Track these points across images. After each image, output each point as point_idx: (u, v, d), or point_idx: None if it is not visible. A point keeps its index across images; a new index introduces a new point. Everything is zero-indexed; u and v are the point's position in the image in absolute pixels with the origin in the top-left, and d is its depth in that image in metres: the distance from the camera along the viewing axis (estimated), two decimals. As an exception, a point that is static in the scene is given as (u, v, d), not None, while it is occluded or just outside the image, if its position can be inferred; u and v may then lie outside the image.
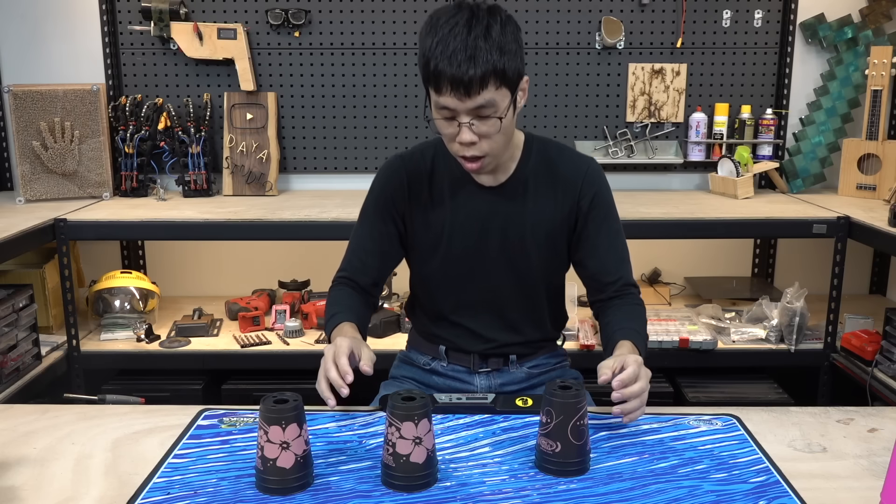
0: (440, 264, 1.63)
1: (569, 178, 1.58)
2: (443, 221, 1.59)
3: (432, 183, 1.60)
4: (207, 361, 2.73)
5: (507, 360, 1.69)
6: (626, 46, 3.11)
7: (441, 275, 1.64)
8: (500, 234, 1.59)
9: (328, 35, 3.09)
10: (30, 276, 2.76)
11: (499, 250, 1.60)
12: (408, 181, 1.60)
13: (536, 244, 1.59)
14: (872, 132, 2.92)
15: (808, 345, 2.73)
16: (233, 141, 3.06)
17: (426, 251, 1.63)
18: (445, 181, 1.59)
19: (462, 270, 1.62)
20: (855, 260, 3.13)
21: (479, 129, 1.42)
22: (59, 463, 1.30)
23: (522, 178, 1.58)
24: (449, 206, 1.59)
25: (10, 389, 2.39)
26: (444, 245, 1.61)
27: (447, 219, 1.59)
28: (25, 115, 2.87)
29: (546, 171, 1.59)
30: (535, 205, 1.58)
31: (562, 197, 1.58)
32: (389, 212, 1.62)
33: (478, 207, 1.58)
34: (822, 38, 3.08)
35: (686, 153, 3.15)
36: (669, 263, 3.31)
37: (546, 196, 1.58)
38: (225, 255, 3.29)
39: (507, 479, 1.25)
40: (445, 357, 1.71)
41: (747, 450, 1.34)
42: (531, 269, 1.61)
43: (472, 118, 1.41)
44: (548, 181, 1.58)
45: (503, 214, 1.58)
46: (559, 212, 1.58)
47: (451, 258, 1.61)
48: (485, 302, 1.64)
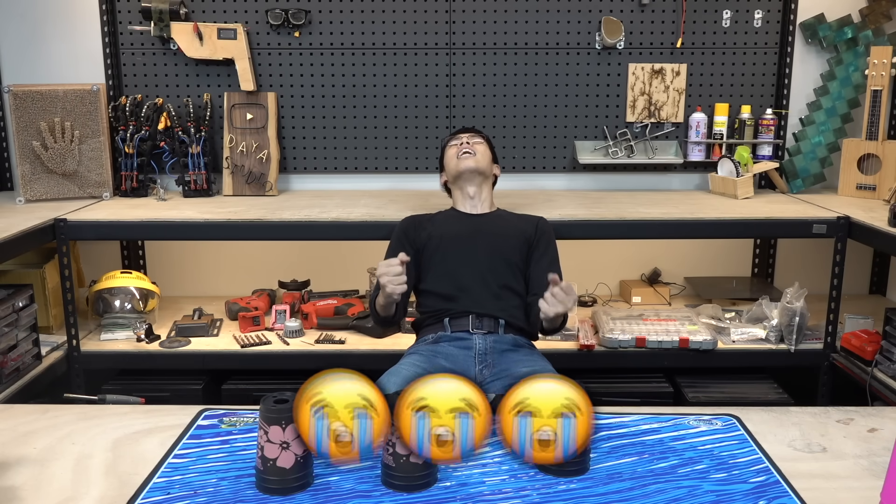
0: (441, 262, 2.27)
1: (528, 220, 2.41)
2: (441, 233, 2.32)
3: (433, 219, 2.39)
4: (207, 361, 2.73)
5: (497, 324, 2.19)
6: (626, 46, 3.11)
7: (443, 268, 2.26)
8: (486, 237, 2.30)
9: (328, 35, 3.09)
10: (30, 276, 2.76)
11: (484, 245, 2.28)
12: (417, 220, 2.39)
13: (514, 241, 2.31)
14: (872, 132, 2.92)
15: (808, 345, 2.73)
16: (233, 141, 3.06)
17: (431, 255, 2.29)
18: (443, 216, 2.41)
19: (458, 263, 2.26)
20: (855, 260, 3.13)
21: (472, 140, 2.42)
22: (59, 463, 1.31)
23: (498, 214, 2.43)
24: (446, 225, 2.35)
25: (10, 389, 2.39)
26: (444, 246, 2.29)
27: (444, 231, 2.32)
28: (25, 115, 2.87)
29: (513, 217, 2.44)
30: (507, 224, 2.37)
31: (524, 228, 2.36)
32: (407, 240, 2.33)
33: (467, 223, 2.36)
34: (822, 38, 3.08)
35: (686, 153, 3.15)
36: (669, 263, 3.31)
37: (514, 224, 2.37)
38: (225, 255, 3.29)
39: (507, 479, 1.25)
40: (449, 327, 2.20)
41: (747, 450, 1.34)
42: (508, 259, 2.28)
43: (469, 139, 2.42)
44: (514, 220, 2.42)
45: (487, 226, 2.35)
46: (522, 235, 2.33)
47: (450, 256, 2.27)
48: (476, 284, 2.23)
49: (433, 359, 2.12)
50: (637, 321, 2.83)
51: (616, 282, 3.31)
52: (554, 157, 3.19)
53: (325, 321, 2.88)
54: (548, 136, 3.17)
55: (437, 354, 2.14)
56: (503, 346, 2.17)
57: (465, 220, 2.36)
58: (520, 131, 3.15)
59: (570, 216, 2.64)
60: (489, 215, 2.40)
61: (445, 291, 2.25)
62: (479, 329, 2.19)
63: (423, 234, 2.32)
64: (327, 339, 2.78)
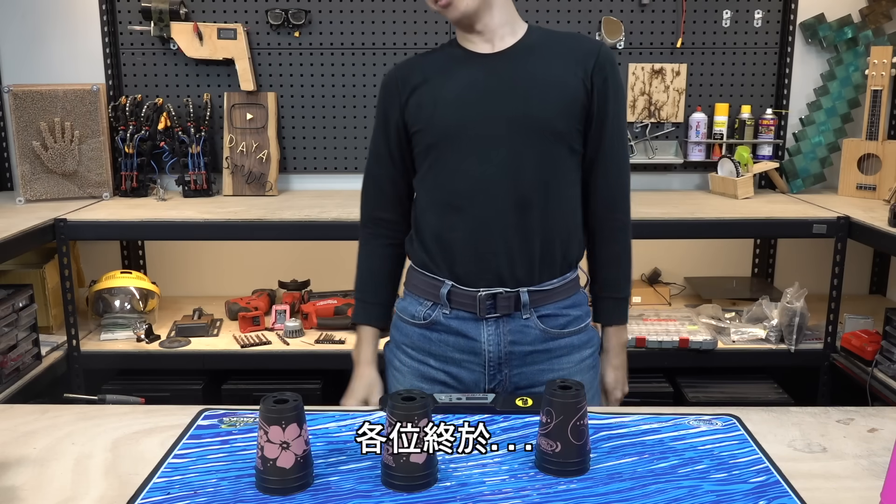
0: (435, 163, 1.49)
1: (582, 48, 1.46)
2: (435, 96, 1.47)
3: (424, 68, 1.51)
4: (207, 361, 2.73)
5: (519, 303, 1.50)
6: (626, 46, 3.11)
7: (438, 167, 1.49)
8: (503, 104, 1.43)
9: (328, 35, 3.09)
10: (30, 276, 2.76)
11: (501, 126, 1.43)
12: (400, 82, 1.51)
13: (547, 115, 1.43)
14: (872, 132, 2.92)
15: (808, 345, 2.73)
16: (233, 141, 3.06)
17: (421, 135, 1.49)
18: (439, 62, 1.51)
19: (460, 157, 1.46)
20: (855, 260, 3.13)
21: None
22: (59, 463, 1.30)
23: (527, 45, 1.47)
24: (441, 80, 1.47)
25: (10, 389, 2.39)
26: (438, 119, 1.46)
27: (438, 92, 1.47)
28: (25, 115, 2.87)
29: (555, 41, 1.48)
30: (544, 65, 1.44)
31: (574, 64, 1.44)
32: (390, 125, 1.54)
33: (474, 74, 1.45)
34: (822, 38, 3.07)
35: (686, 153, 3.15)
36: (669, 263, 3.31)
37: (556, 59, 1.44)
38: (225, 255, 3.29)
39: (507, 479, 1.25)
40: (448, 302, 1.52)
41: (747, 450, 1.34)
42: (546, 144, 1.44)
43: None
44: (557, 49, 1.46)
45: (505, 78, 1.43)
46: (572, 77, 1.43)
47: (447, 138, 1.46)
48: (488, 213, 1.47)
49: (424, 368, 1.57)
50: (637, 321, 2.83)
51: (616, 282, 3.30)
52: (554, 157, 3.19)
53: (325, 321, 2.88)
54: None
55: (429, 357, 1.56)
56: (525, 345, 1.53)
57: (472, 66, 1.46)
58: (520, 131, 3.15)
59: (570, 216, 2.64)
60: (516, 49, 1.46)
61: (437, 228, 1.51)
62: (492, 312, 1.50)
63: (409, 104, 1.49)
64: (327, 339, 2.78)
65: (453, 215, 1.49)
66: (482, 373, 1.55)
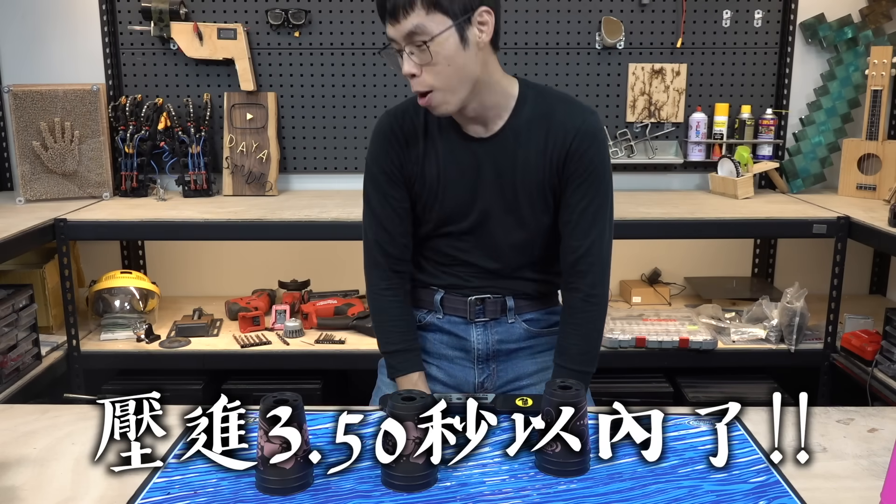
0: (434, 217, 1.62)
1: (561, 131, 1.53)
2: (437, 174, 1.58)
3: (427, 137, 1.58)
4: (207, 361, 2.73)
5: (505, 308, 1.65)
6: (626, 46, 3.11)
7: (436, 224, 1.63)
8: (493, 186, 1.56)
9: (328, 35, 3.09)
10: (30, 276, 2.76)
11: (492, 200, 1.57)
12: (402, 141, 1.58)
13: (528, 196, 1.57)
14: (872, 132, 2.92)
15: (808, 345, 2.73)
16: (233, 141, 3.06)
17: (423, 202, 1.62)
18: (439, 134, 1.57)
19: (458, 219, 1.60)
20: (855, 260, 3.13)
21: (418, 58, 1.42)
22: (59, 463, 1.30)
23: (514, 129, 1.54)
24: (442, 159, 1.57)
25: (10, 389, 2.39)
26: (439, 198, 1.59)
27: (441, 171, 1.58)
28: (25, 115, 2.86)
29: (541, 121, 1.54)
30: (525, 156, 1.54)
31: (552, 150, 1.53)
32: (393, 172, 1.60)
33: (470, 159, 1.56)
34: (822, 38, 3.07)
35: (686, 153, 3.15)
36: (669, 263, 3.31)
37: (537, 147, 1.53)
38: (225, 255, 3.29)
39: (507, 479, 1.25)
40: (441, 308, 1.67)
41: (747, 450, 1.34)
42: (524, 218, 1.59)
43: (410, 47, 1.42)
44: (540, 132, 1.53)
45: (494, 165, 1.55)
46: (548, 165, 1.54)
47: (447, 209, 1.60)
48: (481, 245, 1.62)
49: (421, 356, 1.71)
50: (637, 321, 2.83)
51: (616, 282, 3.31)
52: (554, 157, 3.19)
53: (325, 321, 2.88)
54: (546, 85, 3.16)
55: (425, 354, 1.70)
56: (511, 343, 1.68)
57: (468, 150, 1.57)
58: (520, 131, 3.14)
59: (570, 216, 2.63)
60: (504, 135, 1.55)
61: (437, 256, 1.67)
62: (480, 317, 1.66)
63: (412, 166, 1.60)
64: (327, 339, 2.78)
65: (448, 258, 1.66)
66: (472, 368, 1.70)
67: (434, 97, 1.46)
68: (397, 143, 1.58)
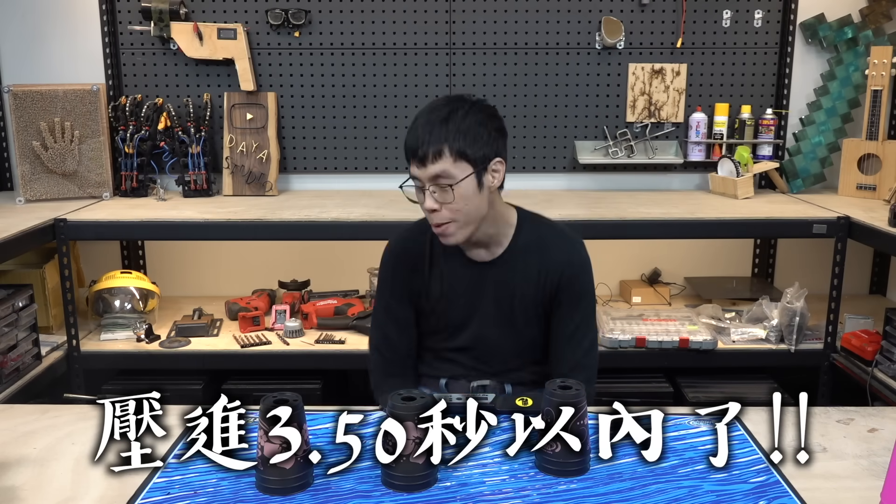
0: (440, 328, 1.80)
1: (555, 261, 1.73)
2: (441, 292, 1.77)
3: (432, 259, 1.77)
4: (207, 361, 2.73)
5: (503, 391, 1.82)
6: (626, 46, 3.10)
7: (440, 335, 1.81)
8: (493, 304, 1.76)
9: (328, 35, 3.09)
10: (30, 276, 2.76)
11: (491, 315, 1.76)
12: (409, 260, 1.78)
13: (524, 312, 1.75)
14: (872, 132, 2.92)
15: (808, 345, 2.73)
16: (233, 141, 3.06)
17: (427, 317, 1.81)
18: (443, 258, 1.77)
19: (459, 331, 1.79)
20: (855, 260, 3.13)
21: (439, 197, 1.60)
22: (59, 463, 1.31)
23: (512, 256, 1.74)
24: (447, 280, 1.77)
25: (10, 389, 2.39)
26: (443, 313, 1.78)
27: (445, 291, 1.77)
28: (25, 115, 2.86)
29: (536, 248, 1.74)
30: (523, 280, 1.74)
31: (545, 276, 1.73)
32: (400, 290, 1.80)
33: (472, 281, 1.76)
34: (822, 38, 3.07)
35: (686, 153, 3.15)
36: (669, 263, 3.31)
37: (532, 273, 1.73)
38: (225, 255, 3.29)
39: (507, 479, 1.25)
40: (445, 389, 1.84)
41: (747, 450, 1.34)
42: (519, 332, 1.77)
43: (433, 186, 1.59)
44: (536, 258, 1.74)
45: (494, 286, 1.75)
46: (543, 289, 1.73)
47: (450, 322, 1.79)
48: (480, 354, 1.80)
49: None
50: (637, 321, 2.83)
51: (616, 282, 3.31)
52: (554, 157, 3.19)
53: (325, 321, 2.88)
54: (548, 136, 3.17)
55: None
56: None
57: (471, 272, 1.76)
58: (520, 131, 3.15)
59: (571, 216, 2.64)
60: (504, 260, 1.75)
61: (440, 356, 1.85)
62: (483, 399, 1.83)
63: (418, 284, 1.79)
64: (327, 339, 2.78)
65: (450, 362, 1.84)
66: None
67: (449, 228, 1.64)
68: (405, 264, 1.78)
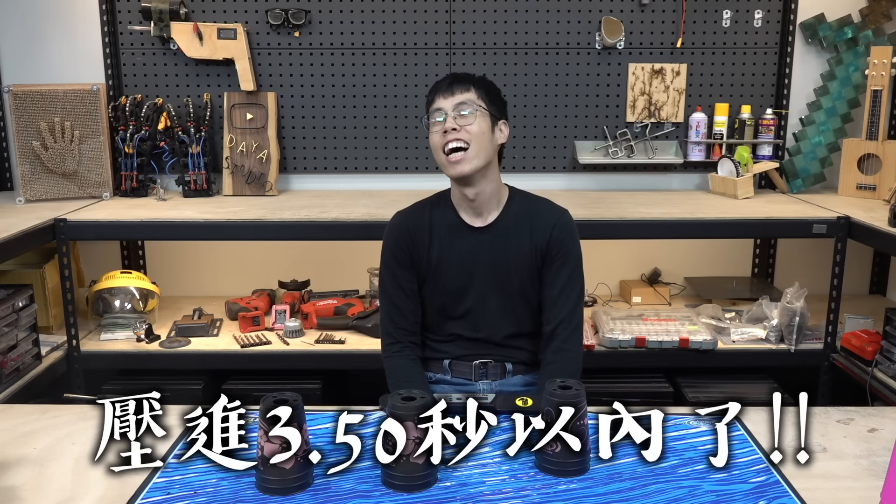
0: (440, 293, 1.92)
1: (544, 221, 1.90)
2: (440, 258, 1.91)
3: (431, 230, 1.92)
4: (207, 361, 2.73)
5: (504, 372, 1.95)
6: (626, 46, 3.11)
7: (442, 301, 1.93)
8: (489, 267, 1.90)
9: (328, 35, 3.09)
10: (30, 276, 2.76)
11: (486, 278, 1.90)
12: (411, 232, 1.92)
13: (517, 273, 1.90)
14: (872, 132, 2.92)
15: (808, 345, 2.73)
16: (233, 141, 3.06)
17: (429, 283, 1.93)
18: (442, 227, 1.92)
19: (459, 296, 1.92)
20: (855, 260, 3.13)
21: (460, 121, 1.78)
22: (58, 463, 1.31)
23: (505, 222, 1.91)
24: (445, 246, 1.91)
25: (10, 389, 2.39)
26: (443, 277, 1.91)
27: (443, 256, 1.91)
28: (25, 115, 2.86)
29: (527, 215, 1.91)
30: (516, 243, 1.89)
31: (536, 236, 1.89)
32: (403, 258, 1.93)
33: (468, 245, 1.91)
34: (822, 38, 3.07)
35: (686, 153, 3.15)
36: (669, 263, 3.31)
37: (525, 235, 1.89)
38: (225, 255, 3.29)
39: (507, 479, 1.25)
40: (449, 370, 1.96)
41: (747, 450, 1.34)
42: (514, 292, 1.91)
43: (455, 112, 1.78)
44: (527, 223, 1.90)
45: (489, 249, 1.90)
46: (533, 250, 1.89)
47: (449, 287, 1.92)
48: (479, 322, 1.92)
49: None
50: (637, 321, 2.83)
51: (616, 282, 3.31)
52: (554, 157, 3.19)
53: (325, 321, 2.88)
54: (548, 136, 3.17)
55: None
56: (511, 386, 1.96)
57: (467, 237, 1.91)
58: (520, 131, 3.15)
59: (570, 216, 2.64)
60: (498, 226, 1.90)
61: (443, 331, 1.97)
62: (484, 378, 1.96)
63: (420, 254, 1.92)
64: (327, 339, 2.78)
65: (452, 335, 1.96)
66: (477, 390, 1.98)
67: (462, 154, 1.78)
68: (407, 234, 1.92)
